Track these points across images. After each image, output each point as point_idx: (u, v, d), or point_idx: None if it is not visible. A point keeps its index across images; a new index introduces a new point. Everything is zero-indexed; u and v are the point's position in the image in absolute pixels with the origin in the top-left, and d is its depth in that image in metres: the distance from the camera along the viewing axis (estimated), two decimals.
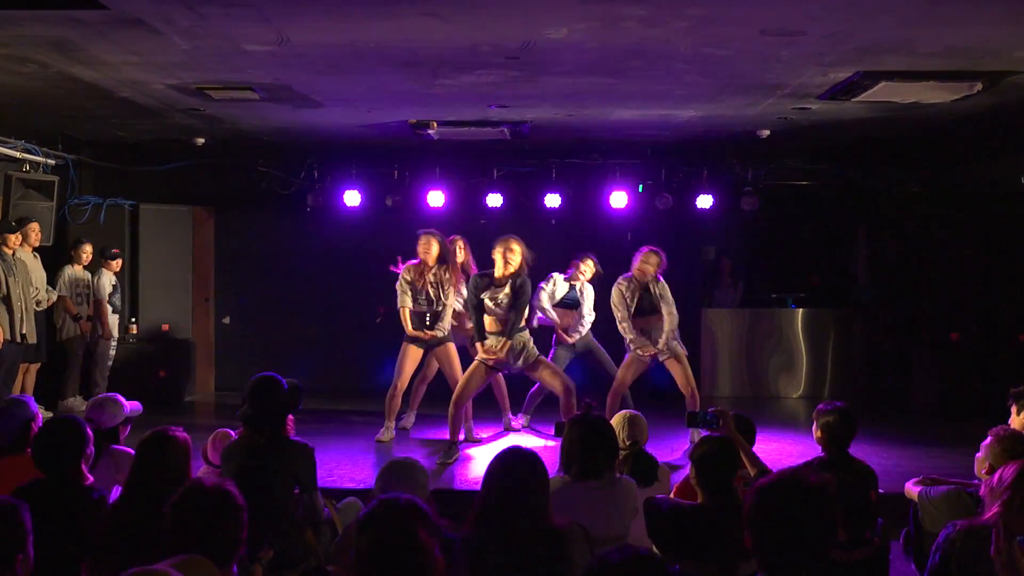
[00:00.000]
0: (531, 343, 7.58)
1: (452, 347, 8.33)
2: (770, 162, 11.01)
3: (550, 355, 8.62)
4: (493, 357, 7.49)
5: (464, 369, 7.98)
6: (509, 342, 7.45)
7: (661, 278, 8.19)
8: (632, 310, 8.11)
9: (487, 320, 7.54)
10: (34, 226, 9.30)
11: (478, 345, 7.55)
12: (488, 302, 7.50)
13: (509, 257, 7.46)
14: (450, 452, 7.59)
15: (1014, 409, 5.06)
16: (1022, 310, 10.24)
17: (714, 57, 6.43)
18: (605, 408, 7.88)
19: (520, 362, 7.53)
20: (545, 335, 8.79)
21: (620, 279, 8.24)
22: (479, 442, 8.34)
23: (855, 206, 11.90)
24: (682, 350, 8.20)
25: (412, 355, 8.32)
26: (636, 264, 8.16)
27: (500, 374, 8.18)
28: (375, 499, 2.85)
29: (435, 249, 8.21)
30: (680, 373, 8.12)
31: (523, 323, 7.63)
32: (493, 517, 3.45)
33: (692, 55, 6.37)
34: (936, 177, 10.95)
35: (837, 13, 5.38)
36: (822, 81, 7.18)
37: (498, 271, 7.49)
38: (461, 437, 7.99)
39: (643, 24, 5.58)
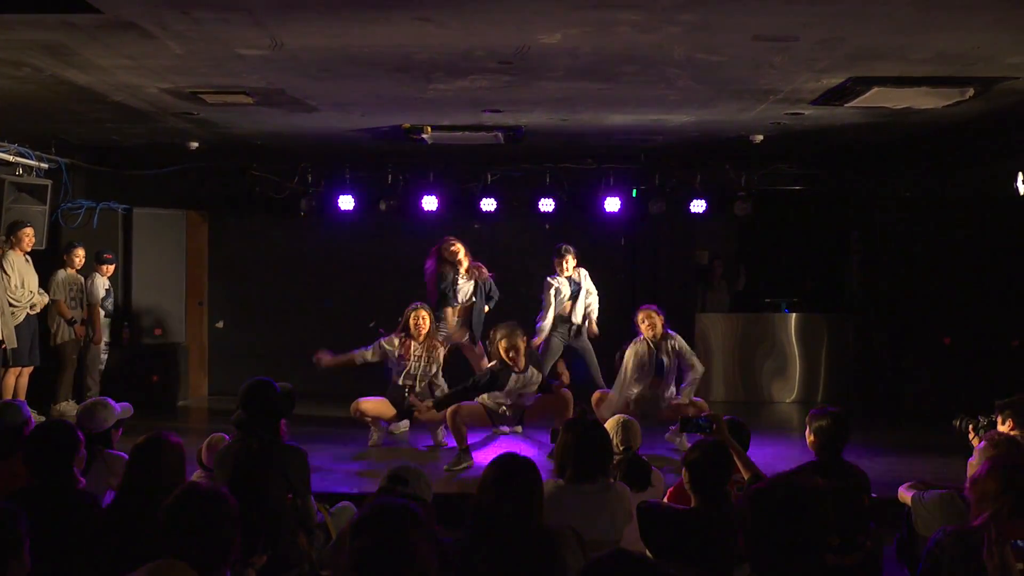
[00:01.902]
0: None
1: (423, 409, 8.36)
2: (763, 167, 11.04)
3: (541, 346, 8.69)
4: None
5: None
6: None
7: (673, 333, 8.27)
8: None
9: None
10: (27, 231, 9.27)
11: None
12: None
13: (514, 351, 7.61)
14: (460, 459, 7.55)
15: (999, 420, 5.09)
16: (1014, 315, 10.27)
17: (707, 63, 6.44)
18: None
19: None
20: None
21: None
22: (445, 447, 8.31)
23: (848, 211, 11.92)
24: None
25: (386, 407, 8.39)
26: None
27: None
28: (368, 503, 2.85)
29: (428, 322, 8.34)
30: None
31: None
32: (487, 522, 3.46)
33: (685, 60, 6.39)
34: (928, 182, 10.99)
35: (829, 19, 5.39)
36: (815, 87, 7.20)
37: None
38: (451, 443, 7.99)
39: (636, 30, 5.59)
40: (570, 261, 8.89)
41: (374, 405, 8.29)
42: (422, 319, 8.32)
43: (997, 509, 3.27)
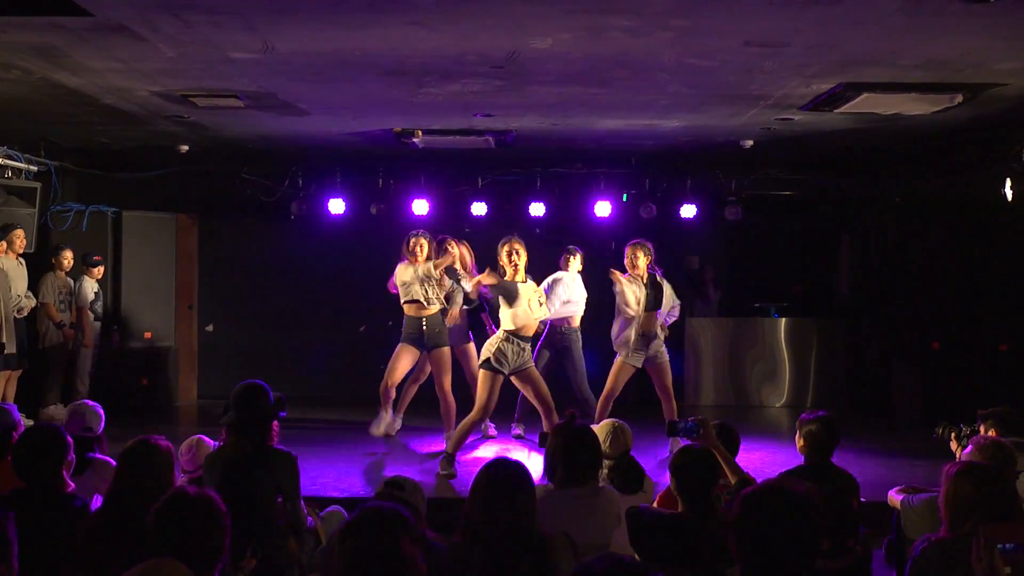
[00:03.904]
0: (528, 350, 7.57)
1: (447, 352, 8.26)
2: (753, 172, 11.06)
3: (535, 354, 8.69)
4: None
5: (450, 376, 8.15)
6: None
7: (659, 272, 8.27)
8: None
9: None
10: (19, 232, 9.25)
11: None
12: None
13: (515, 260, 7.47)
14: (448, 463, 7.52)
15: (982, 429, 5.14)
16: (1003, 319, 10.32)
17: (698, 68, 6.46)
18: (595, 414, 7.97)
19: (512, 367, 7.47)
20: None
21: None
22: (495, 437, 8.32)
23: (837, 216, 11.97)
24: (667, 356, 8.27)
25: (407, 355, 8.27)
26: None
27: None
28: (358, 508, 2.85)
29: (426, 248, 8.26)
30: (659, 379, 8.20)
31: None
32: (480, 527, 3.45)
33: (676, 66, 6.40)
34: (918, 188, 11.04)
35: (820, 25, 5.41)
36: (805, 92, 7.22)
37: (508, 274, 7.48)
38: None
39: (627, 35, 5.61)
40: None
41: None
42: (420, 245, 8.23)
43: (980, 513, 3.29)
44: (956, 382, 9.97)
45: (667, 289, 8.31)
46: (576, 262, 8.86)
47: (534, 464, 6.20)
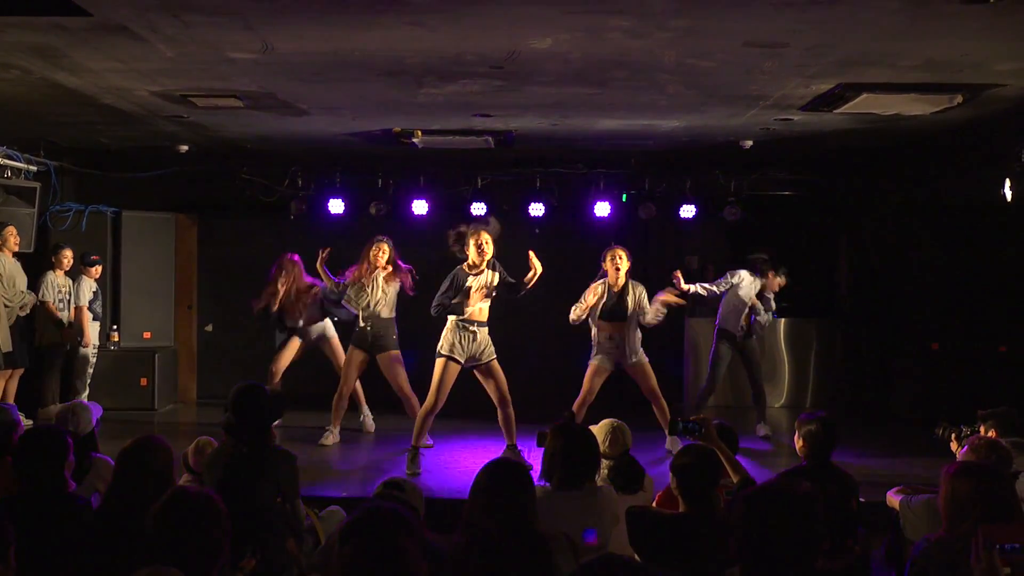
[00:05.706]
0: (490, 343, 7.62)
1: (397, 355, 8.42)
2: (753, 172, 11.06)
3: (712, 351, 9.16)
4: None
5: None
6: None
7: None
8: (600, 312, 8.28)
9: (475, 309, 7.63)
10: (11, 230, 9.24)
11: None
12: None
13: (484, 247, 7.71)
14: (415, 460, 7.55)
15: (982, 430, 5.15)
16: (1002, 320, 10.33)
17: (697, 68, 6.46)
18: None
19: (478, 358, 7.56)
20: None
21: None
22: (432, 447, 8.31)
23: (837, 217, 11.97)
24: (645, 358, 8.32)
25: (355, 359, 8.58)
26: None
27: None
28: (359, 507, 2.85)
29: (388, 254, 8.70)
30: (644, 380, 8.22)
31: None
32: (480, 527, 3.45)
33: (675, 66, 6.40)
34: (917, 188, 11.04)
35: (819, 26, 5.42)
36: (804, 92, 7.22)
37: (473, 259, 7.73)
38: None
39: (627, 35, 5.61)
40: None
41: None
42: (382, 251, 8.62)
43: (979, 513, 3.30)
44: (956, 383, 9.98)
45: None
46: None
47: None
